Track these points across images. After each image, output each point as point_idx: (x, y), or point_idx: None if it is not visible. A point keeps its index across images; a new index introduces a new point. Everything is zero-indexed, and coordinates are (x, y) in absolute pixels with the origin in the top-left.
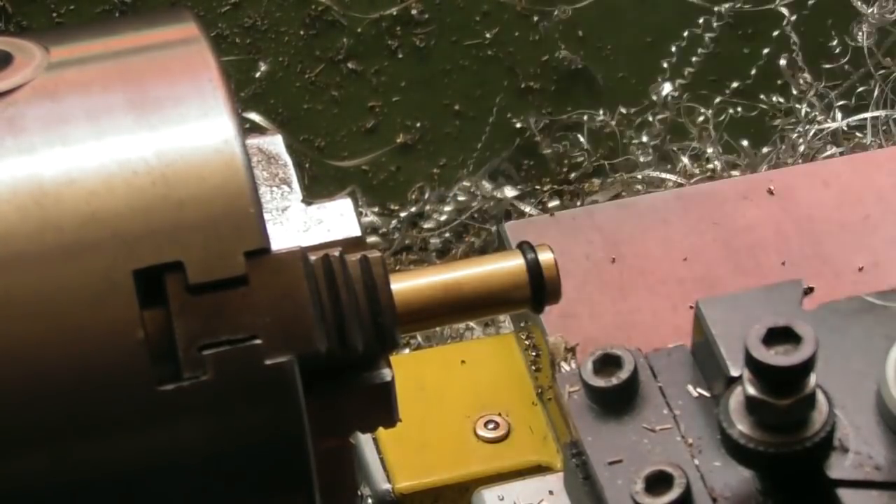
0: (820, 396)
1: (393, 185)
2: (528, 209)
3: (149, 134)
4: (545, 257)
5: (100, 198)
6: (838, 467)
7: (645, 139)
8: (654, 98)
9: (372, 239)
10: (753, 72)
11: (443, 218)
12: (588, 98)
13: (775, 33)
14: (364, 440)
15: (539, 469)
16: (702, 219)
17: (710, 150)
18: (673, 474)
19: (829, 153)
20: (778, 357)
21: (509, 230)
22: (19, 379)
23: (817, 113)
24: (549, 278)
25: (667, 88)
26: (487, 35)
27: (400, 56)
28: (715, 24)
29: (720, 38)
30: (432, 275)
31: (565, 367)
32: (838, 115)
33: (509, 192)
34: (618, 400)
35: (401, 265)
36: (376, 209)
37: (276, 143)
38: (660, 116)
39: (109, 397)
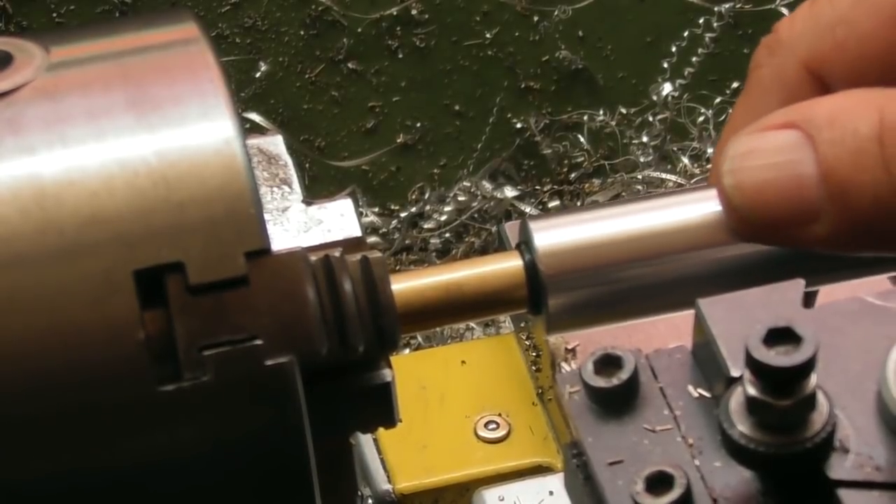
0: (820, 397)
1: (393, 185)
2: (528, 209)
3: (149, 135)
4: None
5: (100, 199)
6: (839, 468)
7: (645, 139)
8: (654, 98)
9: (372, 239)
10: None
11: (443, 218)
12: (588, 98)
13: None
14: (364, 440)
15: (539, 469)
16: None
17: (710, 150)
18: (673, 475)
19: None
20: (778, 357)
21: (509, 230)
22: (19, 380)
23: None
24: None
25: (667, 88)
26: (487, 35)
27: (400, 56)
28: (715, 24)
29: (720, 38)
30: (432, 275)
31: (566, 367)
32: None
33: (509, 192)
34: (618, 400)
35: (401, 265)
36: (376, 209)
37: (276, 143)
38: (660, 116)
39: (109, 398)
